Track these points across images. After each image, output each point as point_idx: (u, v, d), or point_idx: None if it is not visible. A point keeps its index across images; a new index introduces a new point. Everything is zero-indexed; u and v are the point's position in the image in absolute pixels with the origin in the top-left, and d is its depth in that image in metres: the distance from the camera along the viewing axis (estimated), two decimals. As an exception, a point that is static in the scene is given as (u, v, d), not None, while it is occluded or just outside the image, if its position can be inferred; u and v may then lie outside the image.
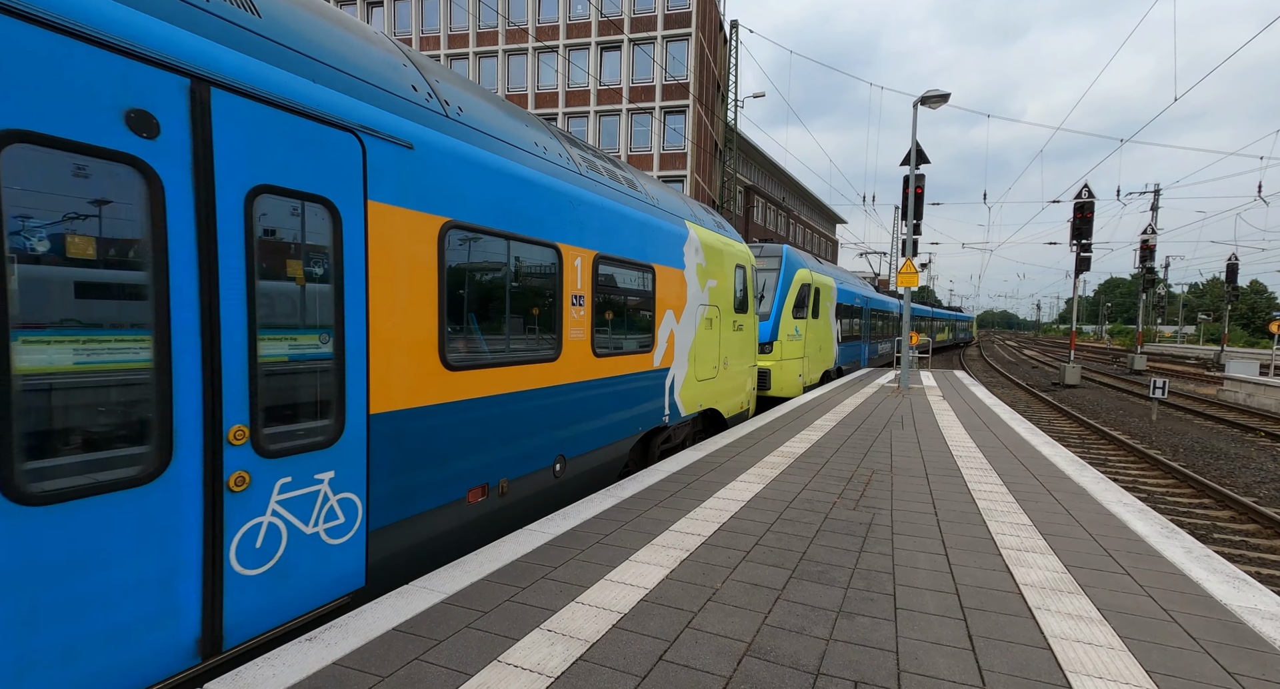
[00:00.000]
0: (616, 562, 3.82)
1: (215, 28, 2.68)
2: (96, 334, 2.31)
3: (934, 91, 14.06)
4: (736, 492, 5.46)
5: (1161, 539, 4.38)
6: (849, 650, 2.82)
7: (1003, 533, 4.48)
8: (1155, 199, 32.62)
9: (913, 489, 5.66)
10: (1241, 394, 19.63)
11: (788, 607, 3.25)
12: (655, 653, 2.77)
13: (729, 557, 3.94)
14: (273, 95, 2.84)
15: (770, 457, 6.95)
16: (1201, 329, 67.36)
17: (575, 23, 36.76)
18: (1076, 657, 2.78)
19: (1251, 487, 9.69)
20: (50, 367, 2.19)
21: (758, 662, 2.71)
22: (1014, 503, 5.26)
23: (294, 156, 2.94)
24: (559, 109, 37.33)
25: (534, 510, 4.97)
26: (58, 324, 2.21)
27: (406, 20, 39.26)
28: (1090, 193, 22.55)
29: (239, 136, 2.70)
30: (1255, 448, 12.66)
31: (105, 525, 2.28)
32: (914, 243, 14.88)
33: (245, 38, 2.81)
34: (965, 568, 3.82)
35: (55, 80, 2.13)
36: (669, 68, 35.55)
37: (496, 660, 2.68)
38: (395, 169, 3.49)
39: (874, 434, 8.57)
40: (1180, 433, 14.18)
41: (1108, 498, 5.45)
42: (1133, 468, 10.89)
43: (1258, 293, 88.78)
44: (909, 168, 14.89)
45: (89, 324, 2.29)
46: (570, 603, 3.25)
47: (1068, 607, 3.29)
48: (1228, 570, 3.82)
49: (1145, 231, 31.17)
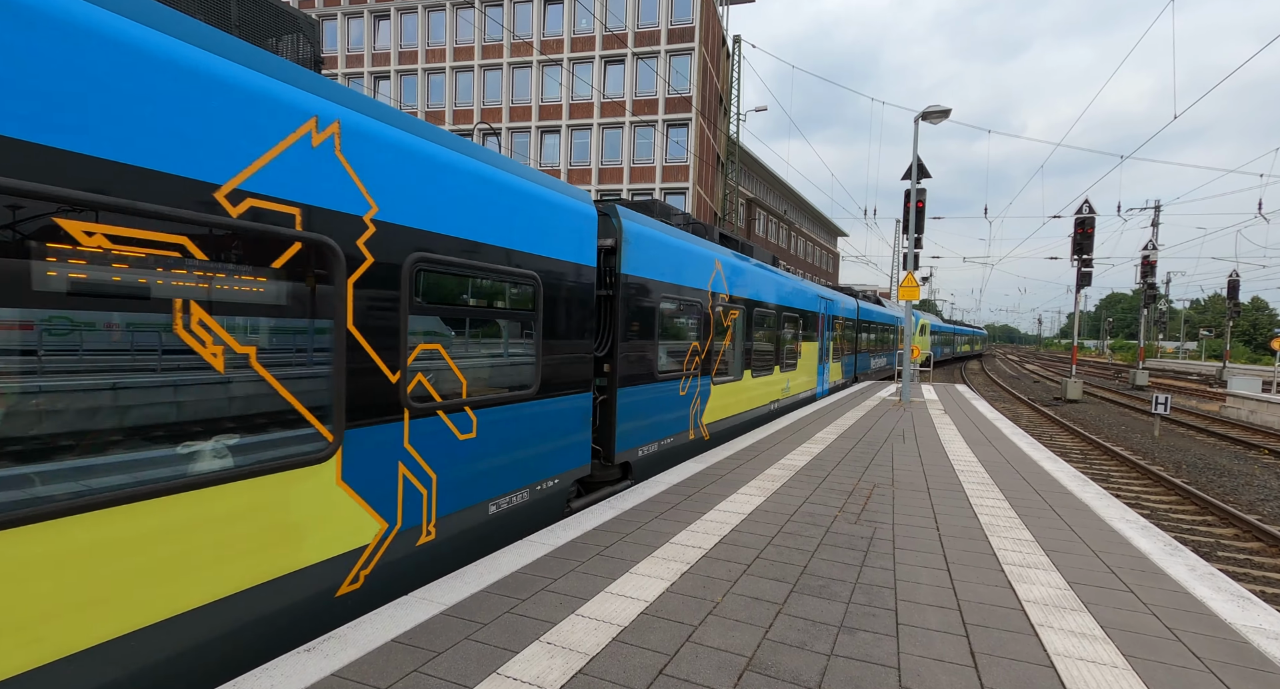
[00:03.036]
0: (617, 574, 3.81)
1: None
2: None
3: (935, 107, 14.18)
4: (737, 504, 5.44)
5: (1165, 556, 4.36)
6: (850, 666, 2.80)
7: (1005, 548, 4.46)
8: (1156, 215, 32.74)
9: (914, 503, 5.64)
10: (1244, 411, 19.57)
11: (789, 621, 3.23)
12: (655, 667, 2.75)
13: (730, 570, 3.92)
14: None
15: (771, 469, 6.93)
16: (1203, 345, 67.29)
17: (579, 37, 37.17)
18: (1080, 675, 2.76)
19: (1255, 504, 9.63)
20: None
21: (759, 677, 2.69)
22: (1016, 518, 5.24)
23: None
24: (562, 121, 37.64)
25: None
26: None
27: (413, 33, 39.71)
28: (1091, 208, 22.65)
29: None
30: (1258, 465, 12.60)
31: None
32: (915, 256, 14.93)
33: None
34: (967, 583, 3.79)
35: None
36: (672, 81, 35.89)
37: (495, 673, 2.67)
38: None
39: (875, 448, 8.54)
40: (1183, 449, 14.12)
41: (1110, 514, 5.43)
42: (1135, 484, 10.84)
43: (1259, 309, 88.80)
44: (910, 182, 14.97)
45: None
46: (570, 615, 3.23)
47: (1071, 624, 3.26)
48: (1232, 589, 3.79)
49: (1146, 247, 31.25)
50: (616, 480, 6.51)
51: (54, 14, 2.20)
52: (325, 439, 3.20)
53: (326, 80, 3.29)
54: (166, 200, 2.51)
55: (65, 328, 2.36)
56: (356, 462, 3.37)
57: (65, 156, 2.24)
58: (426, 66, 39.59)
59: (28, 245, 2.19)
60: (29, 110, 2.14)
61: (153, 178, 2.47)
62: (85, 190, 2.28)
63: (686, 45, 35.55)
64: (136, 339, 2.54)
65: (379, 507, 3.53)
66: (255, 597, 2.89)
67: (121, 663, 2.45)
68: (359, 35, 40.57)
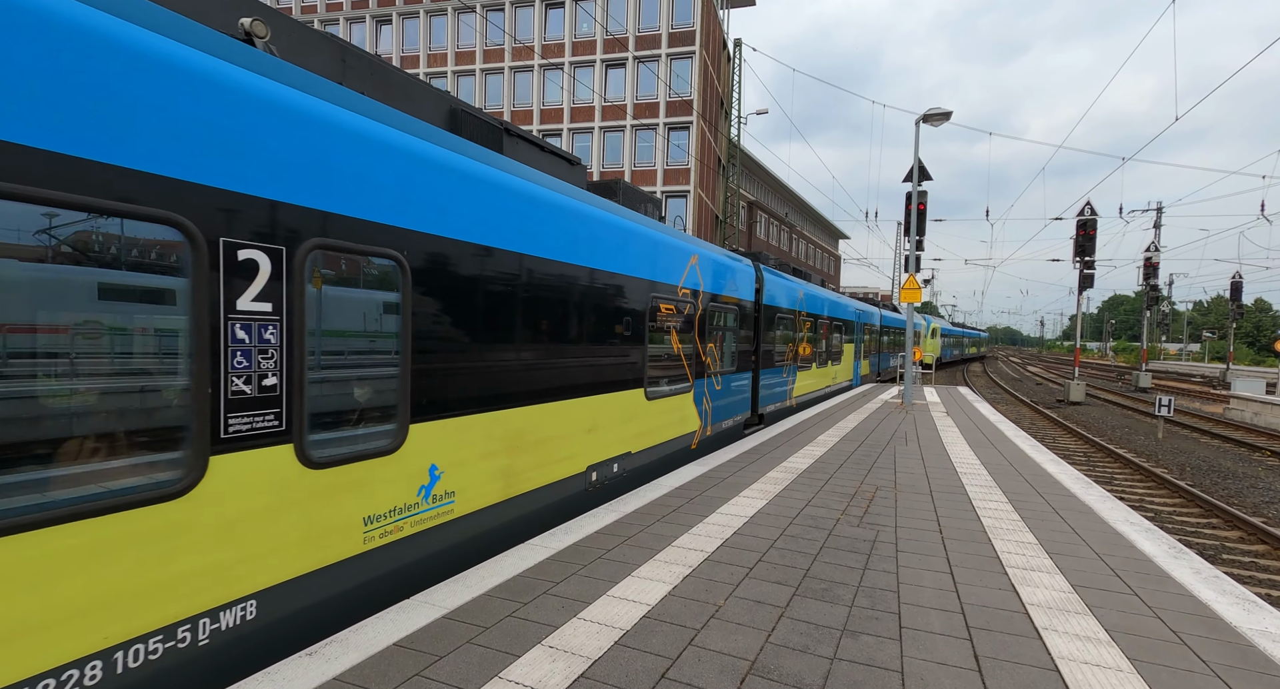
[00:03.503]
0: (619, 577, 3.80)
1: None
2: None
3: (936, 110, 14.19)
4: (740, 507, 5.43)
5: (1170, 559, 4.34)
6: (854, 670, 2.78)
7: (1008, 551, 4.44)
8: (1158, 217, 32.70)
9: (917, 506, 5.62)
10: (1248, 413, 19.49)
11: (791, 624, 3.21)
12: (658, 671, 2.74)
13: (732, 573, 3.91)
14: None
15: (773, 472, 6.92)
16: (1206, 347, 67.07)
17: (580, 40, 37.28)
18: (1085, 678, 2.75)
19: (1260, 507, 9.59)
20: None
21: (761, 681, 2.68)
22: (1019, 521, 5.22)
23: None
24: (564, 124, 37.73)
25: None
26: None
27: (414, 38, 39.88)
28: (1093, 210, 22.63)
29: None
30: (1263, 467, 12.55)
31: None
32: (917, 258, 14.93)
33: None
34: (971, 587, 3.78)
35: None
36: (673, 85, 35.96)
37: (497, 677, 2.66)
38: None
39: (878, 450, 8.53)
40: (1187, 451, 14.07)
41: (1114, 516, 5.41)
42: (1139, 486, 10.80)
43: (1263, 311, 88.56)
44: (912, 184, 14.98)
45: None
46: (572, 619, 3.22)
47: (1075, 627, 3.25)
48: (1237, 592, 3.77)
49: (1149, 249, 31.21)
50: (757, 423, 10.95)
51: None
52: (689, 382, 7.62)
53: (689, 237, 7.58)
54: (677, 297, 7.14)
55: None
56: (695, 395, 7.83)
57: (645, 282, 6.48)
58: (429, 71, 39.73)
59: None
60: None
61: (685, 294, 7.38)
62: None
63: (687, 49, 35.64)
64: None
65: (701, 415, 8.04)
66: (678, 442, 7.38)
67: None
68: (361, 41, 40.75)
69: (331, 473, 3.14)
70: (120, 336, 2.47)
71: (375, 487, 3.38)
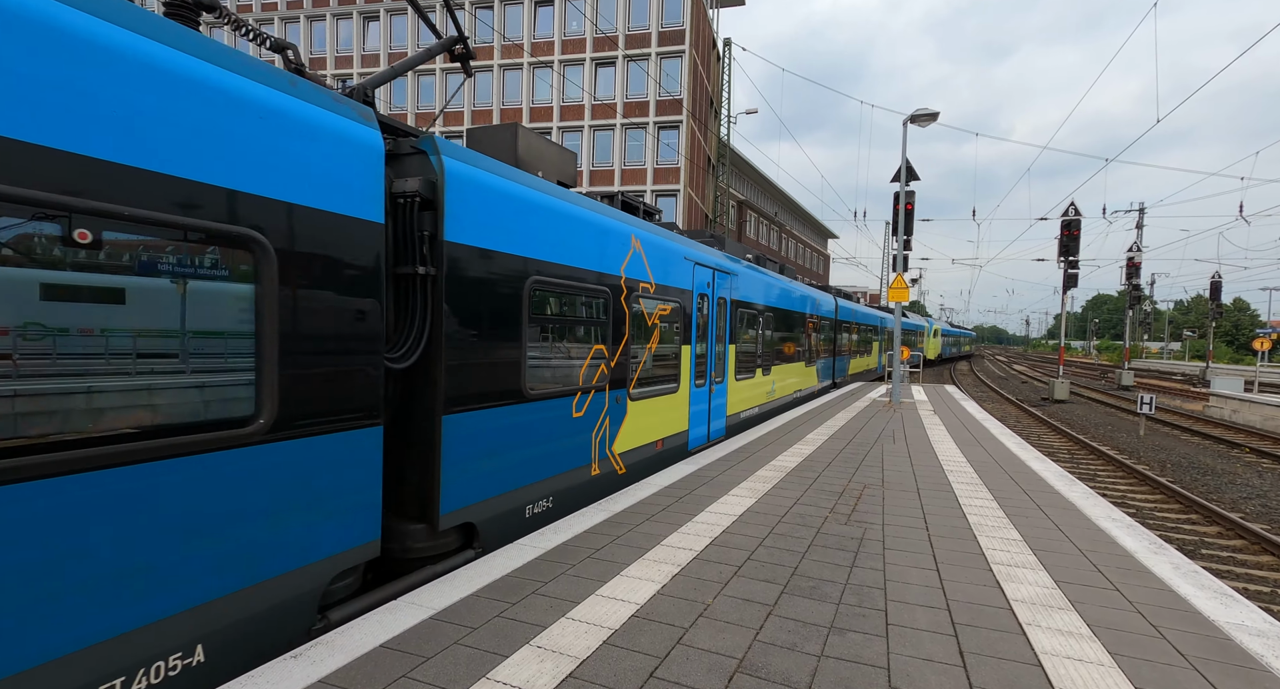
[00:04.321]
0: (608, 577, 3.80)
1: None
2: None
3: (923, 110, 14.30)
4: (729, 506, 5.44)
5: (1150, 555, 4.41)
6: (840, 667, 2.80)
7: (993, 548, 4.49)
8: (1140, 217, 33.18)
9: (904, 504, 5.67)
10: (1227, 410, 19.85)
11: (779, 622, 3.23)
12: (646, 670, 2.75)
13: (721, 572, 3.92)
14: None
15: (762, 470, 6.95)
16: (1187, 345, 68.18)
17: (570, 39, 37.17)
18: (1067, 673, 2.78)
19: (1238, 502, 9.76)
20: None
21: (749, 679, 2.69)
22: (1004, 518, 5.28)
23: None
24: (554, 123, 37.60)
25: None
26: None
27: (403, 34, 39.56)
28: (1077, 210, 22.93)
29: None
30: (1241, 464, 12.78)
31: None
32: (905, 258, 15.04)
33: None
34: (956, 583, 3.82)
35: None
36: (663, 84, 35.96)
37: (485, 678, 2.65)
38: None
39: (866, 448, 8.59)
40: (1167, 448, 14.30)
41: (1097, 513, 5.48)
42: (1121, 483, 10.96)
43: (1241, 310, 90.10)
44: (899, 184, 15.09)
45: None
46: (560, 619, 3.22)
47: (1058, 623, 3.29)
48: (1215, 586, 3.84)
49: (1131, 249, 31.66)
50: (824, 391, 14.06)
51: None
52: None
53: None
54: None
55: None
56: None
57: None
58: (417, 68, 39.42)
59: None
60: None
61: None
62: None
63: (677, 48, 35.64)
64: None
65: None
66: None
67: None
68: (348, 37, 40.38)
69: (740, 385, 9.83)
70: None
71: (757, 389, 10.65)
